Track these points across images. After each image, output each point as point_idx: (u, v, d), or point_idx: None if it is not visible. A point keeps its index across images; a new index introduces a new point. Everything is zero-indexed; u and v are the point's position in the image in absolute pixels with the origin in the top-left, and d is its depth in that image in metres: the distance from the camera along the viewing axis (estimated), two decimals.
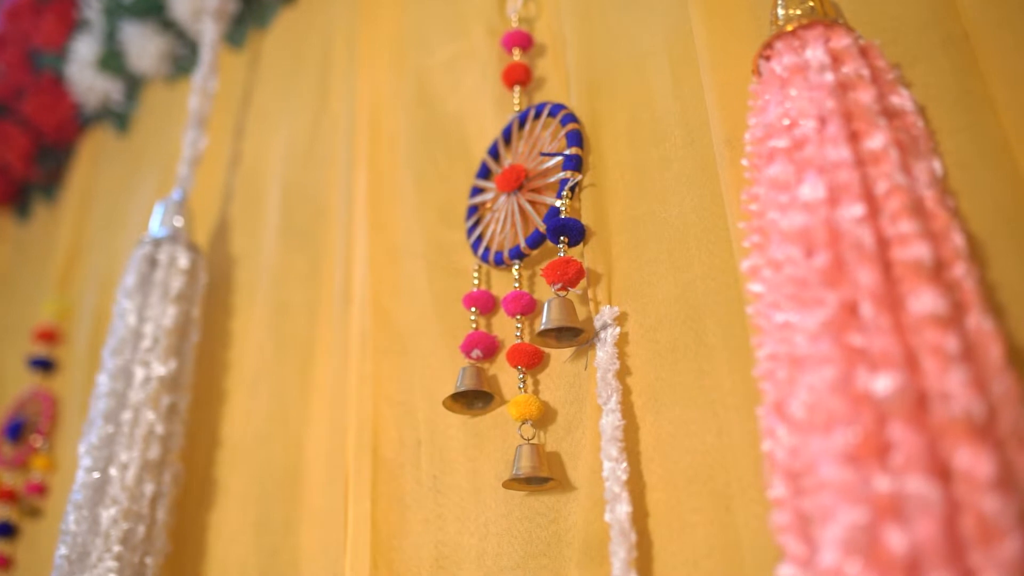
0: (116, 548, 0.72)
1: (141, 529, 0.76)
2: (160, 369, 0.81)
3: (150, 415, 0.79)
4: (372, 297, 0.85)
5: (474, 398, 0.73)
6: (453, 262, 0.81)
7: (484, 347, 0.72)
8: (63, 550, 0.70)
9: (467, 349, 0.73)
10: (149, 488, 0.78)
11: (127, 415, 0.78)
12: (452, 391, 0.71)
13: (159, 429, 0.79)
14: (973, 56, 0.56)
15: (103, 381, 0.78)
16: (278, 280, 0.99)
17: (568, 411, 0.68)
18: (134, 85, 1.38)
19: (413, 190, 0.88)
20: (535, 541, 0.66)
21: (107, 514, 0.74)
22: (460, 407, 0.73)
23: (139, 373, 0.80)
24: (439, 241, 0.84)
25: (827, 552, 0.44)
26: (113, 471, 0.74)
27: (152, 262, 0.87)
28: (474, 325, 0.75)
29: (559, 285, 0.66)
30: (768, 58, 0.57)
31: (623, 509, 0.58)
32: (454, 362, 0.76)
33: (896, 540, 0.42)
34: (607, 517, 0.59)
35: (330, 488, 0.82)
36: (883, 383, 0.44)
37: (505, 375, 0.73)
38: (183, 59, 1.31)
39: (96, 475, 0.73)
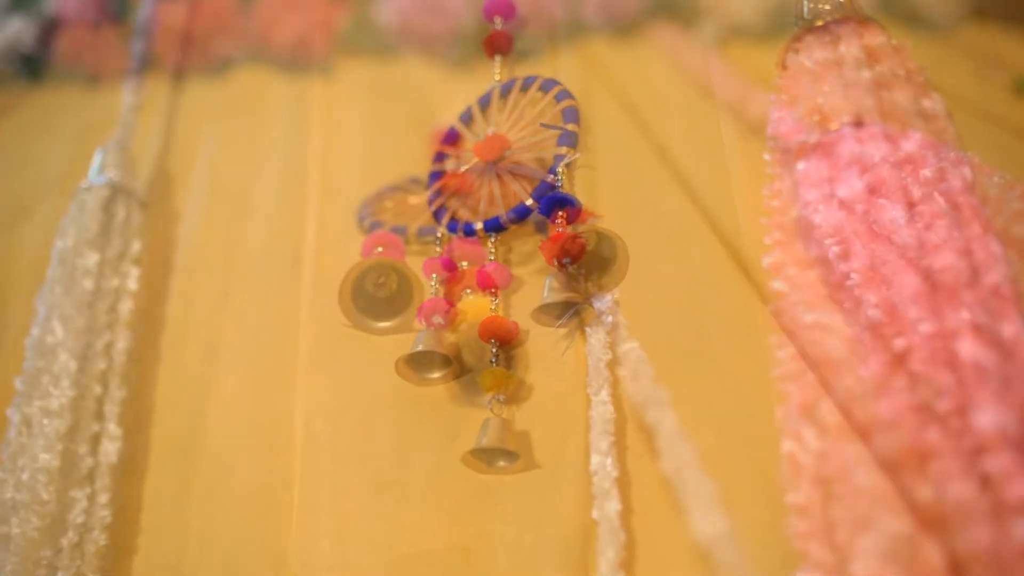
0: (102, 536, 0.66)
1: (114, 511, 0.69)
2: (129, 336, 0.73)
3: (123, 390, 0.72)
4: (318, 264, 0.79)
5: (429, 365, 0.67)
6: None
7: (446, 314, 0.66)
8: (35, 521, 0.62)
9: (427, 314, 0.66)
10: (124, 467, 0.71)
11: (90, 379, 0.70)
12: (395, 359, 0.64)
13: (122, 403, 0.71)
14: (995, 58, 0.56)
15: (57, 329, 0.69)
16: (190, 238, 0.93)
17: (539, 394, 0.63)
18: (50, 29, 1.26)
19: (367, 151, 0.83)
20: (468, 524, 0.61)
21: (82, 493, 0.67)
22: (413, 374, 0.66)
23: (104, 336, 0.72)
24: None
25: (862, 561, 0.43)
26: (83, 447, 0.67)
27: (108, 212, 0.79)
28: (433, 292, 0.69)
29: (568, 260, 0.62)
30: (797, 52, 0.56)
31: (612, 506, 0.55)
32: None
33: (937, 551, 0.42)
34: (595, 514, 0.55)
35: (272, 466, 0.75)
36: (925, 393, 0.44)
37: (466, 347, 0.67)
38: (109, 3, 1.21)
39: (60, 447, 0.65)
